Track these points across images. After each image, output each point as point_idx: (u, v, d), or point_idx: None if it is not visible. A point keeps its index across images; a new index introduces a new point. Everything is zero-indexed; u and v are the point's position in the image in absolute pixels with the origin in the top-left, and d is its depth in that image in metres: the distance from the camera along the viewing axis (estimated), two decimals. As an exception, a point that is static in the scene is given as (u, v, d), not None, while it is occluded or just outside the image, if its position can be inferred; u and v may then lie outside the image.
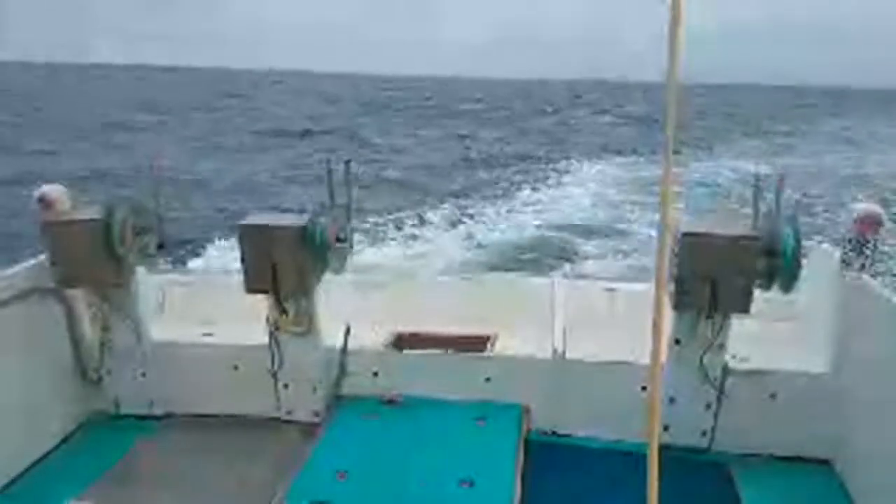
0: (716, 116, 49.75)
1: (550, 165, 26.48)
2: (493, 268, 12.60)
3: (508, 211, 18.16)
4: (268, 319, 3.83)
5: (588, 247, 14.42)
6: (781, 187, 3.26)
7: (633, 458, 3.34)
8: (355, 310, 4.09)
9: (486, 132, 38.64)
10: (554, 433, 3.82)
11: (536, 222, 16.65)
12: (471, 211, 17.94)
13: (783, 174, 3.31)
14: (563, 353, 3.68)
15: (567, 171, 25.07)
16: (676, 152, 1.50)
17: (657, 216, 1.56)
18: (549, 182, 22.64)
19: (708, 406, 3.58)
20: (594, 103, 68.84)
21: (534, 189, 21.38)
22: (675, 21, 1.33)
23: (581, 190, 21.11)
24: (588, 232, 15.53)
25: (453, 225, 16.44)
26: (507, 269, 12.25)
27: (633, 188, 20.96)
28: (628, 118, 50.04)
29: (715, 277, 3.27)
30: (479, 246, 14.45)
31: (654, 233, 14.08)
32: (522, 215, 17.62)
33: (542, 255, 13.64)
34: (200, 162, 25.00)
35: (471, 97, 74.74)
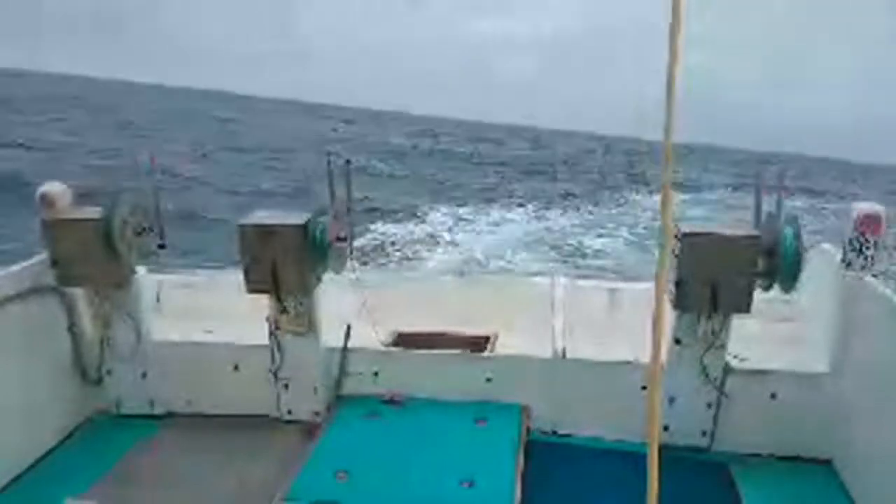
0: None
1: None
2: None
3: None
4: (268, 319, 3.83)
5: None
6: (782, 187, 3.26)
7: (633, 458, 3.34)
8: (355, 310, 4.09)
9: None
10: (554, 433, 3.82)
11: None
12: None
13: (784, 175, 3.30)
14: (564, 352, 3.68)
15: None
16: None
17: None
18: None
19: (708, 406, 3.58)
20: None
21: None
22: (674, 31, 1.34)
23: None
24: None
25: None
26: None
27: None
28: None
29: (715, 277, 3.27)
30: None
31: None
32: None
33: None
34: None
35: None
